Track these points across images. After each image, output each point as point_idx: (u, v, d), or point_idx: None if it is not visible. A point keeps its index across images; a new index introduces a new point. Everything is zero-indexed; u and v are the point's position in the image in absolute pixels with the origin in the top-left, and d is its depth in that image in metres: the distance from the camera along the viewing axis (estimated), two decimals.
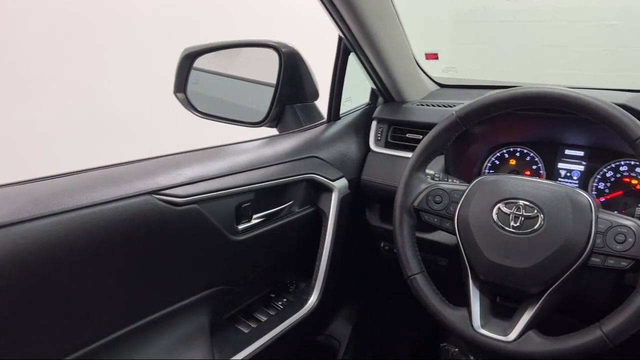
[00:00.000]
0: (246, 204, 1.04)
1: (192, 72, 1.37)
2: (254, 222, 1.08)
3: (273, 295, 1.26)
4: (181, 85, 1.37)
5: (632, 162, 1.15)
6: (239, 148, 1.13)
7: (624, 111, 0.84)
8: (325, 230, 1.24)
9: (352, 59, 1.30)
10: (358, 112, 1.44)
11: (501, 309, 0.94)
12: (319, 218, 1.26)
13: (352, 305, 1.56)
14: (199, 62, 1.38)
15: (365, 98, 1.47)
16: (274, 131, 1.37)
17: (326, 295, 1.24)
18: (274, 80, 1.31)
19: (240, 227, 1.04)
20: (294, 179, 1.15)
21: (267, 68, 1.31)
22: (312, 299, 1.23)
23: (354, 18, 1.10)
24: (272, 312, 1.20)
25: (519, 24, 3.22)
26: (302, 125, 1.34)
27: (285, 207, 1.18)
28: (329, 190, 1.24)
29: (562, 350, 0.81)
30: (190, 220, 0.91)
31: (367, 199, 1.40)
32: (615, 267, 0.82)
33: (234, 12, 3.18)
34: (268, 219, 1.12)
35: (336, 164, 1.29)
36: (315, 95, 1.39)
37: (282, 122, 1.36)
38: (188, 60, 1.37)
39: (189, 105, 1.39)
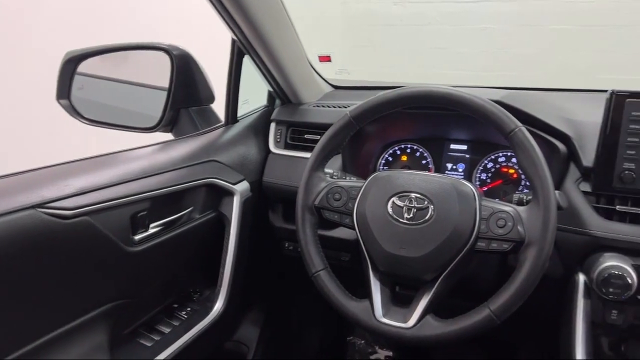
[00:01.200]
0: (142, 213, 1.00)
1: (76, 77, 1.29)
2: (151, 231, 1.04)
3: (176, 306, 1.22)
4: (64, 91, 1.28)
5: (509, 153, 1.26)
6: (131, 155, 1.08)
7: (499, 107, 0.91)
8: (228, 235, 1.22)
9: (247, 62, 1.29)
10: (256, 114, 1.44)
11: (401, 297, 0.98)
12: (222, 223, 1.24)
13: (259, 308, 1.56)
14: (84, 67, 1.29)
15: (262, 100, 1.47)
16: (169, 136, 1.32)
17: (232, 300, 1.23)
18: (166, 84, 1.27)
19: (137, 237, 1.00)
20: (193, 184, 1.12)
21: (159, 71, 1.27)
22: (218, 306, 1.21)
23: (245, 20, 1.10)
24: (176, 323, 1.16)
25: (406, 27, 3.40)
26: (199, 129, 1.31)
27: (184, 214, 1.15)
28: (230, 194, 1.23)
29: (456, 330, 0.87)
30: (81, 233, 0.85)
31: (269, 201, 1.40)
32: (498, 249, 0.89)
33: (118, 14, 3.03)
34: (167, 227, 1.09)
35: (236, 167, 1.28)
36: (211, 98, 1.37)
37: (177, 126, 1.32)
38: (71, 65, 1.28)
39: (74, 112, 1.30)
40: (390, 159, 1.39)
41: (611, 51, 3.00)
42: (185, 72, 1.27)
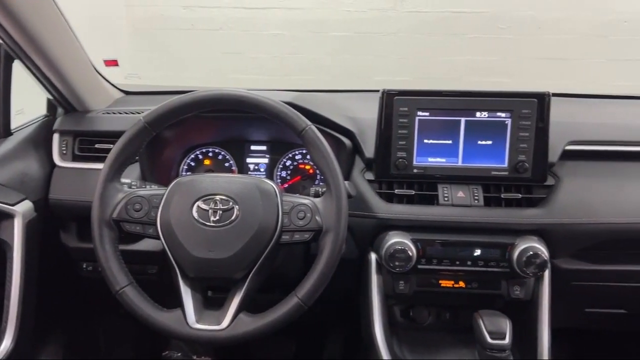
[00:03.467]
0: None
1: None
2: None
3: None
4: None
5: (304, 151, 1.35)
6: None
7: (291, 108, 0.97)
8: (12, 264, 1.08)
9: (19, 67, 1.15)
10: (34, 125, 1.29)
11: (214, 301, 0.98)
12: (2, 251, 1.08)
13: (58, 339, 1.40)
14: None
15: (42, 109, 1.32)
16: None
17: (22, 336, 1.08)
18: None
19: None
20: None
21: None
22: (5, 345, 1.06)
23: (10, 21, 0.98)
24: None
25: (198, 32, 3.37)
26: None
27: None
28: (9, 216, 1.08)
29: (269, 322, 0.90)
30: None
31: (60, 220, 1.27)
32: (301, 240, 0.95)
33: None
34: None
35: (15, 185, 1.13)
36: None
37: None
38: None
39: None
40: (192, 164, 1.38)
41: (384, 56, 3.40)
42: None
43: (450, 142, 1.13)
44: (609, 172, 1.17)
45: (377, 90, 1.15)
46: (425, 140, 1.13)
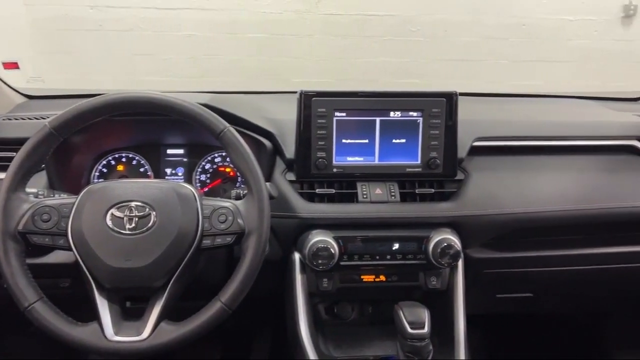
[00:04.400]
0: None
1: None
2: None
3: None
4: None
5: (224, 154, 1.33)
6: None
7: (207, 109, 0.96)
8: None
9: None
10: None
11: (133, 312, 0.95)
12: None
13: None
14: None
15: None
16: None
17: None
18: None
19: None
20: None
21: None
22: None
23: None
24: None
25: (107, 33, 3.22)
26: None
27: None
28: None
29: (192, 329, 0.89)
30: None
31: None
32: (223, 243, 0.94)
33: None
34: None
35: None
36: None
37: None
38: None
39: None
40: (104, 170, 1.31)
41: (302, 57, 3.43)
42: None
43: (367, 141, 1.17)
44: (514, 165, 1.26)
45: (296, 92, 1.16)
46: (344, 140, 1.16)
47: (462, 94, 1.18)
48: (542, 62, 3.86)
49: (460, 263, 1.18)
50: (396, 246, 1.15)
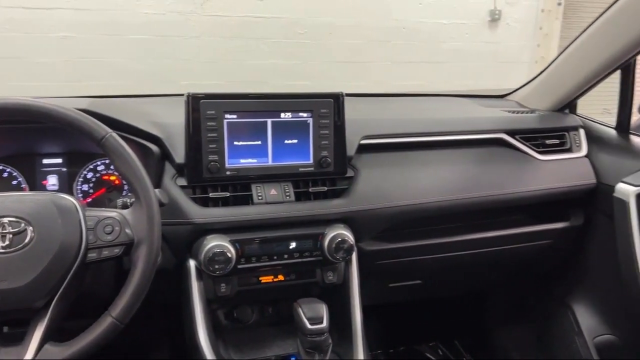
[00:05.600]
0: None
1: None
2: None
3: None
4: None
5: (107, 161, 1.26)
6: None
7: (86, 115, 0.90)
8: None
9: None
10: None
11: (11, 337, 0.87)
12: None
13: None
14: None
15: None
16: None
17: None
18: None
19: None
20: None
21: None
22: None
23: None
24: None
25: None
26: None
27: None
28: None
29: (81, 348, 0.83)
30: None
31: None
32: (110, 256, 0.89)
33: None
34: None
35: None
36: None
37: None
38: None
39: None
40: None
41: (190, 59, 3.35)
42: None
43: (259, 142, 1.17)
44: (400, 161, 1.33)
45: (183, 94, 1.13)
46: (236, 143, 1.15)
47: (349, 95, 1.23)
48: (422, 63, 4.12)
49: (354, 256, 1.23)
50: (293, 245, 1.16)
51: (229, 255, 1.08)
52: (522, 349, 1.74)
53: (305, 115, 1.18)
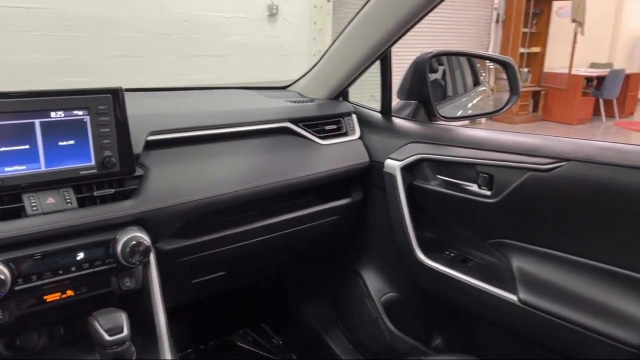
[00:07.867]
0: None
1: None
2: None
3: None
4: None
5: None
6: None
7: None
8: None
9: None
10: None
11: None
12: None
13: None
14: None
15: None
16: None
17: None
18: None
19: None
20: None
21: None
22: None
23: None
24: None
25: None
26: None
27: None
28: None
29: None
30: None
31: None
32: None
33: None
34: None
35: None
36: None
37: None
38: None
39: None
40: None
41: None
42: None
43: (27, 147, 1.04)
44: (192, 155, 1.31)
45: None
46: None
47: (130, 90, 1.17)
48: (207, 57, 4.11)
49: (152, 258, 1.18)
50: (81, 255, 1.07)
51: (2, 277, 0.95)
52: (322, 318, 1.89)
53: (80, 113, 1.09)
